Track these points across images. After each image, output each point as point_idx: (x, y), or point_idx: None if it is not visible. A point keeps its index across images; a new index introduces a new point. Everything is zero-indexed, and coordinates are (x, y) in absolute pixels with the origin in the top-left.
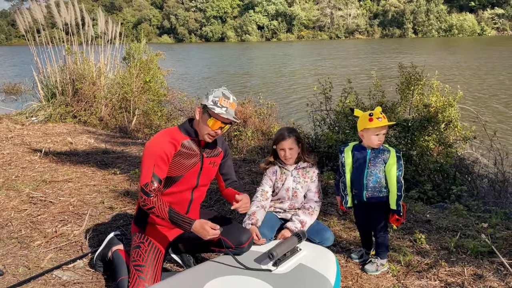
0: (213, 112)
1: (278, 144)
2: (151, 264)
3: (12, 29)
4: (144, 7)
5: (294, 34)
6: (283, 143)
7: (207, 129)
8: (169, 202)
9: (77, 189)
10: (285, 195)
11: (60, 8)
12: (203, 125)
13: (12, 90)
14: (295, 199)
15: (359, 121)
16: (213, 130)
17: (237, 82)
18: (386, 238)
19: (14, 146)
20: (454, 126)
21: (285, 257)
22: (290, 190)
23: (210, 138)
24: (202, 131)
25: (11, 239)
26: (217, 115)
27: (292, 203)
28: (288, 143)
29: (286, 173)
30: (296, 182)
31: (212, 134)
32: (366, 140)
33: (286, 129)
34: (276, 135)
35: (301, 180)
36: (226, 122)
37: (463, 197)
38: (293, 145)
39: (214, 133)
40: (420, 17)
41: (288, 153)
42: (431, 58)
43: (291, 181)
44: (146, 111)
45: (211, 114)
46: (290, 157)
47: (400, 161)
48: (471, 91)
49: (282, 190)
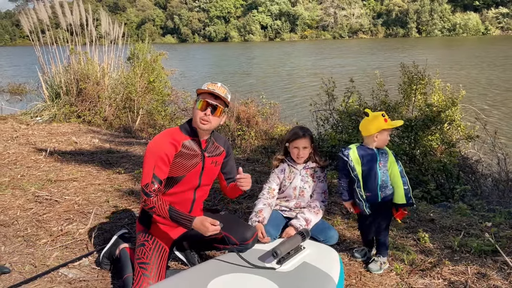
0: (201, 92)
1: (292, 142)
2: (156, 262)
3: (17, 30)
4: (148, 7)
5: (297, 34)
6: (297, 142)
7: (198, 113)
8: (172, 202)
9: (82, 188)
10: (292, 193)
11: (64, 9)
12: (194, 112)
13: (17, 90)
14: (301, 198)
15: (374, 123)
16: (202, 111)
17: (239, 82)
18: (388, 237)
19: (19, 145)
20: (457, 126)
21: (289, 255)
22: (298, 189)
23: (203, 123)
24: (195, 119)
25: (17, 238)
26: (205, 93)
27: (298, 202)
28: (303, 142)
29: (294, 172)
30: (304, 181)
31: (202, 116)
32: (379, 140)
33: (300, 128)
34: (290, 133)
35: (309, 180)
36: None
37: (467, 197)
38: (307, 144)
39: (204, 115)
40: (424, 17)
41: (302, 152)
42: (433, 57)
43: (299, 180)
44: (150, 110)
45: (199, 98)
46: (302, 156)
47: (397, 157)
48: (474, 89)
49: (289, 189)
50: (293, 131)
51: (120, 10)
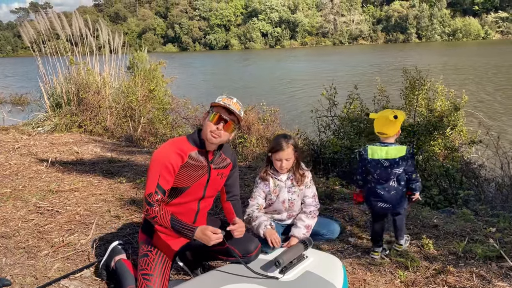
0: (215, 104)
1: (275, 154)
2: (159, 273)
3: (18, 41)
4: (149, 16)
5: (297, 41)
6: (280, 154)
7: (209, 126)
8: (176, 213)
9: (83, 198)
10: (282, 207)
11: (62, 21)
12: (206, 124)
13: (18, 101)
14: (292, 209)
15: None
16: (214, 125)
17: (239, 89)
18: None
19: (21, 156)
20: (460, 131)
21: (292, 264)
22: (286, 201)
23: (213, 136)
24: (205, 131)
25: (18, 249)
26: (219, 107)
27: (290, 213)
28: (285, 154)
29: (279, 185)
30: (291, 192)
31: (213, 130)
32: (395, 137)
33: (283, 137)
34: (273, 143)
35: (297, 190)
36: (228, 115)
37: (470, 202)
38: (291, 155)
39: (215, 128)
40: (424, 22)
41: (285, 164)
42: (433, 62)
43: (286, 192)
44: (151, 119)
45: (213, 110)
46: (286, 167)
47: None
48: (476, 94)
49: (277, 203)
50: (275, 141)
51: (121, 20)
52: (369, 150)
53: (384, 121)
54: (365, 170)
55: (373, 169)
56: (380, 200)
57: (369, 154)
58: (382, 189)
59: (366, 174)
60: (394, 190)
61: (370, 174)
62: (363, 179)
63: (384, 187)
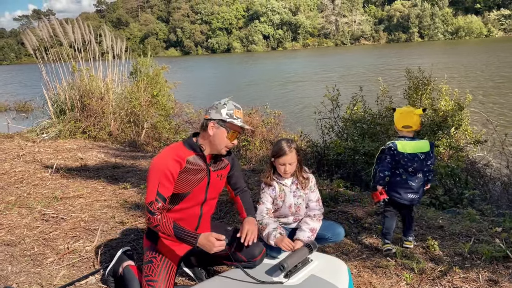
0: (233, 124)
1: (279, 159)
2: (164, 279)
3: (22, 48)
4: (151, 21)
5: (299, 43)
6: (284, 158)
7: (225, 142)
8: (179, 218)
9: (88, 204)
10: (288, 211)
11: (65, 27)
12: (220, 139)
13: (22, 108)
14: (298, 214)
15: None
16: (231, 142)
17: (242, 92)
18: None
19: (26, 163)
20: (464, 130)
21: (296, 268)
22: (293, 206)
23: (226, 151)
24: (220, 145)
25: (24, 257)
26: (238, 127)
27: (296, 217)
28: (289, 158)
29: (285, 190)
30: (297, 196)
31: (230, 146)
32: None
33: (285, 141)
34: (276, 148)
35: (302, 194)
36: (242, 131)
37: (476, 202)
38: (294, 159)
39: (232, 145)
40: (426, 21)
41: (288, 168)
42: (438, 61)
43: (291, 197)
44: (154, 124)
45: (230, 127)
46: (289, 171)
47: None
48: (480, 93)
49: (284, 208)
50: (278, 146)
51: (123, 25)
52: (399, 145)
53: (410, 114)
54: (394, 165)
55: (410, 162)
56: (412, 191)
57: (401, 149)
58: (414, 180)
59: (395, 168)
60: (421, 181)
61: (402, 167)
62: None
63: (415, 179)
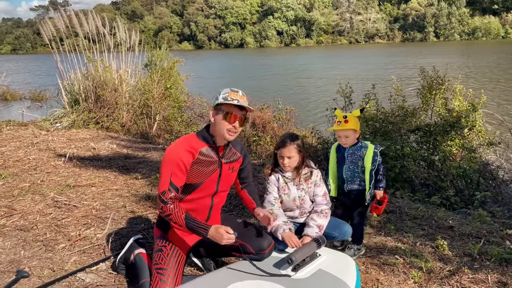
0: (227, 104)
1: (278, 151)
2: (173, 268)
3: (38, 38)
4: (165, 15)
5: (313, 39)
6: (282, 151)
7: (225, 125)
8: (190, 209)
9: (100, 193)
10: (293, 204)
11: (80, 18)
12: (220, 123)
13: (37, 97)
14: (303, 206)
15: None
16: (231, 124)
17: (255, 87)
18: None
19: (40, 151)
20: (478, 131)
21: (304, 262)
22: (297, 199)
23: (231, 135)
24: (221, 130)
25: (36, 242)
26: (231, 106)
27: (302, 210)
28: (287, 151)
29: (288, 183)
30: (301, 189)
31: (230, 129)
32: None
33: (289, 136)
34: (279, 140)
35: (305, 187)
36: (240, 112)
37: (487, 203)
38: (293, 153)
39: (232, 127)
40: (442, 21)
41: (287, 161)
42: (451, 60)
43: (295, 189)
44: (166, 117)
45: (225, 109)
46: (288, 165)
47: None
48: (496, 94)
49: (288, 201)
50: (281, 139)
51: (138, 18)
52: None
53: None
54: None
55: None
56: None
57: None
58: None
59: None
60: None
61: None
62: None
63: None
